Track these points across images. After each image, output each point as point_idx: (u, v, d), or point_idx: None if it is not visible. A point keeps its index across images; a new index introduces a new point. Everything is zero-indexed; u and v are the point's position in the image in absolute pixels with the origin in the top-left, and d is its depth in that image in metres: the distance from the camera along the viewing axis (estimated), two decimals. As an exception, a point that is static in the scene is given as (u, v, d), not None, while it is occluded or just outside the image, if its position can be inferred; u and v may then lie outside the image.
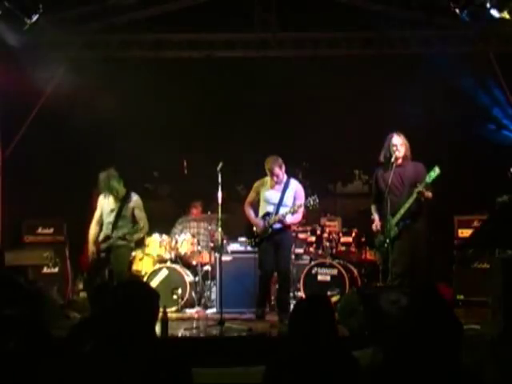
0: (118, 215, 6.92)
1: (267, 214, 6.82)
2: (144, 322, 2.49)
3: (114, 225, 6.92)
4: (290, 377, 2.47)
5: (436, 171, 6.09)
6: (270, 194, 6.87)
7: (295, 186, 6.87)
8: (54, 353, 2.32)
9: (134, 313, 2.47)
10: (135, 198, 7.03)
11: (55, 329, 5.75)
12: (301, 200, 6.77)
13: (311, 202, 6.65)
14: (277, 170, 6.73)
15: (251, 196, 7.04)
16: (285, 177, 6.86)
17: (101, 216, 7.07)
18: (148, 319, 2.51)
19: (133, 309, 2.48)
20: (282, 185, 6.83)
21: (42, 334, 2.29)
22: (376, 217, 6.63)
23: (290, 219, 6.78)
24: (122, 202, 6.96)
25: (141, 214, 7.02)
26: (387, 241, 6.37)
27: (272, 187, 6.87)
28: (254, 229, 6.90)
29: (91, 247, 7.01)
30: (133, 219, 7.01)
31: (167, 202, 10.08)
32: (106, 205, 7.03)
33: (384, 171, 6.56)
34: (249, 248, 7.34)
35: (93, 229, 7.08)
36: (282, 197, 6.79)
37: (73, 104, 8.32)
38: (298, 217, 6.87)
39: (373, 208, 6.73)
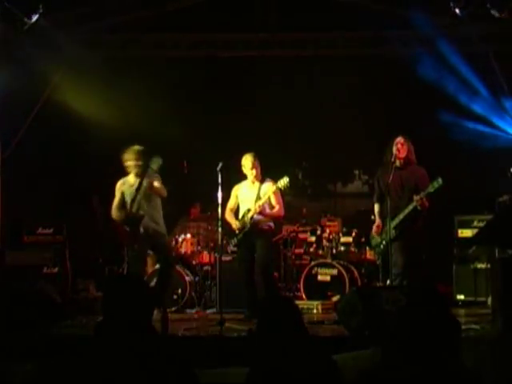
0: (138, 189, 6.56)
1: (247, 212, 6.84)
2: (136, 315, 2.46)
3: (134, 200, 6.59)
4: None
5: (439, 182, 6.09)
6: (247, 193, 6.93)
7: (269, 182, 6.87)
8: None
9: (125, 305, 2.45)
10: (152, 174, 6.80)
11: (55, 329, 5.83)
12: (277, 196, 6.79)
13: (282, 183, 6.68)
14: (256, 164, 6.85)
15: (231, 202, 7.05)
16: (260, 176, 6.94)
17: (122, 199, 6.78)
18: (141, 313, 2.48)
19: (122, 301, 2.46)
20: (259, 182, 6.90)
21: None
22: (377, 219, 6.60)
23: (268, 210, 6.81)
24: (142, 176, 6.64)
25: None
26: (383, 242, 6.39)
27: (248, 186, 6.95)
28: (237, 231, 6.91)
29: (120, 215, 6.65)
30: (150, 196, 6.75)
31: (167, 202, 10.05)
32: (127, 186, 6.77)
33: (385, 171, 6.53)
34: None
35: (115, 214, 6.74)
36: (259, 193, 6.84)
37: (72, 104, 8.32)
38: (278, 212, 6.87)
39: (376, 208, 6.69)
